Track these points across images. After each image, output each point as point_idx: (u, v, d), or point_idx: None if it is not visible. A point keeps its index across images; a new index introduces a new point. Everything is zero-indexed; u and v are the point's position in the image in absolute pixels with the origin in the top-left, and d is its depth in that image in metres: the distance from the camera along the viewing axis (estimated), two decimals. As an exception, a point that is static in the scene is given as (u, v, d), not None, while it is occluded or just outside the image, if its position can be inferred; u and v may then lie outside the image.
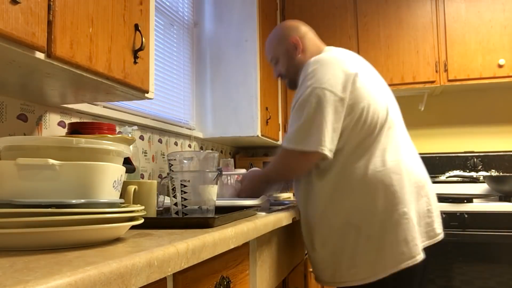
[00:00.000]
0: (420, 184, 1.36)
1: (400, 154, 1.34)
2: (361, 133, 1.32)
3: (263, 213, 1.24)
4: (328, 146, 1.28)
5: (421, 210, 1.34)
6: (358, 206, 1.29)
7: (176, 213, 1.02)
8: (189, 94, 2.53)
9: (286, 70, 1.53)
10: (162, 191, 1.08)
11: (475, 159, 2.96)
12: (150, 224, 0.90)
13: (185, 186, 0.99)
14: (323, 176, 1.34)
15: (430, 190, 1.40)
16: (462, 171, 2.97)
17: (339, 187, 1.32)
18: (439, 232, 1.38)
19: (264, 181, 1.46)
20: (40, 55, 0.87)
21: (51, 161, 0.61)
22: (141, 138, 1.94)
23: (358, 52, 2.94)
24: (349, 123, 1.31)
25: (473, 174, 2.94)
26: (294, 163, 1.35)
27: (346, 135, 1.31)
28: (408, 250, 1.26)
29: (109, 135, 0.99)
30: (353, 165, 1.31)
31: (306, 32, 1.52)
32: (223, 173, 2.30)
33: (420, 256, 1.28)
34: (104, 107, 1.66)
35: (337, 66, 1.34)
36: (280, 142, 2.88)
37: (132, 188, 0.87)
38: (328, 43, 1.62)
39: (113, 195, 0.69)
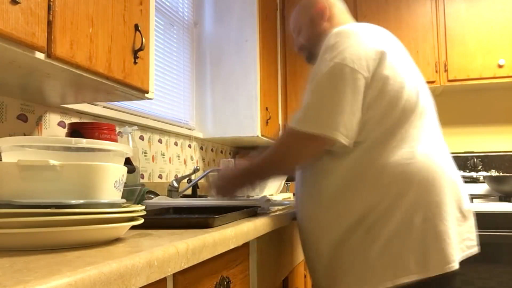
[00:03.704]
0: (453, 183, 1.15)
1: (432, 146, 1.14)
2: (388, 120, 1.11)
3: (263, 213, 1.24)
4: (343, 131, 1.07)
5: (454, 216, 1.12)
6: (375, 205, 1.08)
7: (176, 212, 1.02)
8: (189, 94, 2.53)
9: (308, 39, 1.35)
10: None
11: (475, 159, 2.96)
12: (150, 224, 0.90)
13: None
14: (336, 168, 1.13)
15: (464, 191, 1.19)
16: (462, 171, 2.97)
17: (355, 181, 1.11)
18: (474, 243, 1.18)
19: (251, 173, 1.22)
20: (40, 55, 0.87)
21: (52, 161, 0.61)
22: (141, 138, 1.94)
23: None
24: (374, 108, 1.11)
25: (473, 174, 2.94)
26: (298, 148, 1.13)
27: (370, 122, 1.11)
28: (433, 259, 1.05)
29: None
30: (373, 156, 1.10)
31: (337, 2, 1.37)
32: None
33: (451, 266, 1.06)
34: (104, 107, 1.66)
35: (363, 41, 1.14)
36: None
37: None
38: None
39: (114, 195, 0.69)
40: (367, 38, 1.15)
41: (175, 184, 1.81)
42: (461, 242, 1.13)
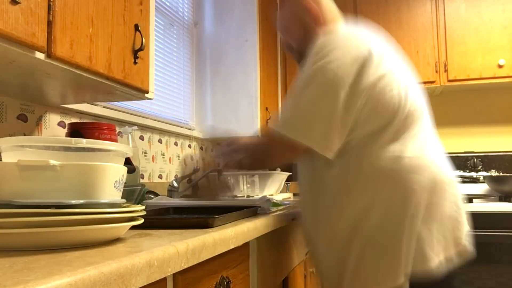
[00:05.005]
0: (446, 186, 1.13)
1: (422, 148, 1.12)
2: (375, 122, 1.10)
3: (263, 213, 1.24)
4: (335, 146, 1.09)
5: (447, 219, 1.12)
6: (365, 210, 1.09)
7: (176, 212, 1.02)
8: (189, 94, 2.53)
9: (300, 44, 1.30)
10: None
11: (475, 159, 2.96)
12: (150, 224, 0.90)
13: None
14: (329, 173, 1.14)
15: (458, 194, 1.17)
16: (462, 171, 2.97)
17: (345, 186, 1.12)
18: (468, 246, 1.16)
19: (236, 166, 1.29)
20: (40, 55, 0.87)
21: (52, 161, 0.61)
22: (141, 138, 1.94)
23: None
24: (362, 110, 1.09)
25: (473, 174, 2.94)
26: (281, 155, 1.18)
27: (357, 124, 1.10)
28: (421, 264, 1.06)
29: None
30: (361, 161, 1.10)
31: (323, 1, 1.30)
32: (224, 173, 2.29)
33: (436, 271, 1.07)
34: (104, 107, 1.66)
35: (351, 44, 1.13)
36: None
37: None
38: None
39: (114, 195, 0.69)
40: (356, 41, 1.14)
41: (175, 184, 1.81)
42: (454, 246, 1.13)
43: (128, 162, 1.21)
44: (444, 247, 1.10)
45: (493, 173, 2.94)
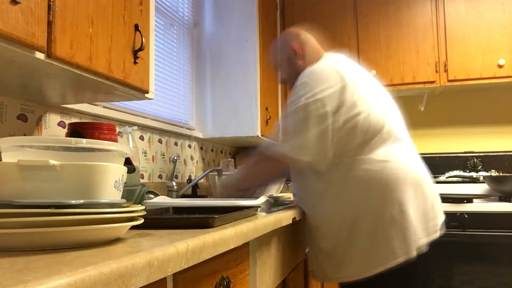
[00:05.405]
0: (418, 182, 1.37)
1: (397, 153, 1.38)
2: (357, 138, 1.35)
3: (263, 213, 1.24)
4: (310, 153, 1.34)
5: (420, 208, 1.35)
6: (354, 204, 1.34)
7: (176, 212, 1.02)
8: (189, 94, 2.53)
9: (288, 76, 1.59)
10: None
11: (475, 159, 2.96)
12: (150, 224, 0.90)
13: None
14: (321, 177, 1.40)
15: (430, 187, 1.42)
16: (462, 171, 2.97)
17: (335, 186, 1.37)
18: (438, 229, 1.40)
19: (237, 189, 1.54)
20: (40, 55, 0.87)
21: (52, 162, 0.61)
22: (141, 138, 1.94)
23: (358, 53, 2.94)
24: (343, 130, 1.34)
25: (473, 174, 2.94)
26: (268, 167, 1.45)
27: (340, 141, 1.35)
28: (401, 249, 1.28)
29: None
30: (348, 165, 1.36)
31: (307, 39, 1.58)
32: (224, 173, 2.30)
33: (413, 253, 1.29)
34: (104, 107, 1.66)
35: (330, 77, 1.37)
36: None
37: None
38: (328, 44, 1.67)
39: (114, 195, 0.69)
40: (334, 73, 1.38)
41: (174, 184, 1.81)
42: (426, 229, 1.34)
43: (128, 162, 1.21)
44: (420, 232, 1.32)
45: (493, 173, 2.94)
